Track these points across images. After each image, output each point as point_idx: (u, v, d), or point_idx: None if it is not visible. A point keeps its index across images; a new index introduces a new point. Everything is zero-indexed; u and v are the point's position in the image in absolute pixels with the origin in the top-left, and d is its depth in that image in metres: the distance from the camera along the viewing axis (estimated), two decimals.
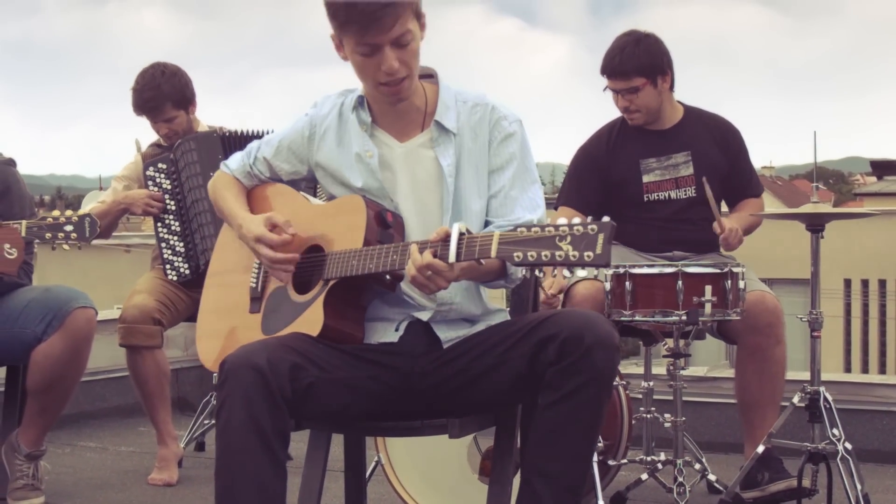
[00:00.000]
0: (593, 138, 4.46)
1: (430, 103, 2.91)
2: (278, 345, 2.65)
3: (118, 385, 5.83)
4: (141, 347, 4.45)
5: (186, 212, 4.59)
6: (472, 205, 2.88)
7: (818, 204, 3.78)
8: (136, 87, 4.69)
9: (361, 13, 2.69)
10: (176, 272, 4.59)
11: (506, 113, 2.93)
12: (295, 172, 3.06)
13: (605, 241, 2.35)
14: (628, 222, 4.28)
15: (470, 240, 2.52)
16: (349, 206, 2.85)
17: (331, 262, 2.80)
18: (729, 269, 3.74)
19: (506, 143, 2.91)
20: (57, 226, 3.68)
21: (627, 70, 4.20)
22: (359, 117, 2.92)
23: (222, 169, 3.17)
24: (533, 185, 2.94)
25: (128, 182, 4.83)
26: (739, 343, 4.08)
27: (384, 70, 2.74)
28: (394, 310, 2.86)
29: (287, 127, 3.06)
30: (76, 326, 3.83)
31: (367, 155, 2.88)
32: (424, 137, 2.90)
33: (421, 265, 2.56)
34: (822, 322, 3.88)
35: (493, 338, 2.78)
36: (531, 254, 2.40)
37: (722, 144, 4.36)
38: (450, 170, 2.86)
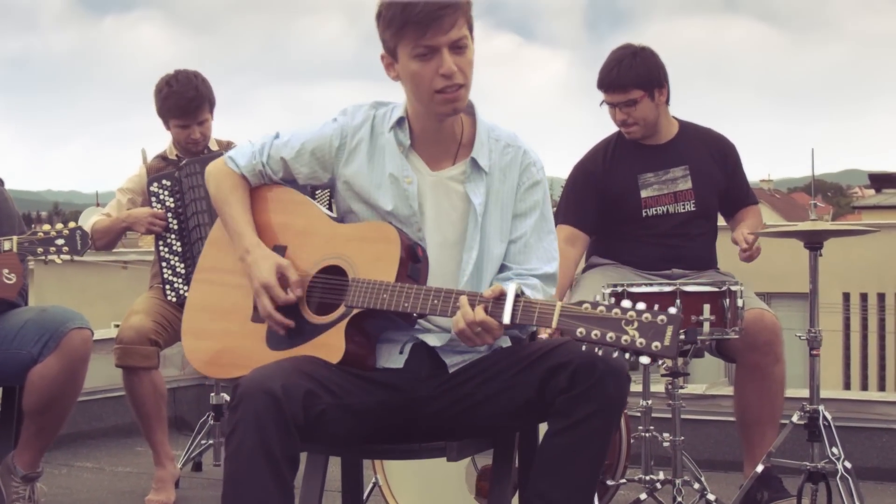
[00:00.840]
0: (590, 154, 4.45)
1: (465, 135, 2.89)
2: (294, 370, 2.62)
3: (115, 405, 5.81)
4: (138, 368, 4.43)
5: (189, 233, 4.57)
6: (494, 248, 2.87)
7: (816, 221, 3.77)
8: (175, 90, 4.61)
9: (420, 13, 2.68)
10: (175, 293, 4.57)
11: (535, 159, 2.93)
12: (314, 178, 2.97)
13: (673, 333, 2.38)
14: (626, 240, 4.29)
15: (528, 304, 2.53)
16: (380, 234, 2.80)
17: (355, 288, 2.75)
18: (727, 288, 3.73)
19: (533, 189, 2.91)
20: (48, 240, 3.66)
21: (625, 82, 4.19)
22: (397, 137, 2.87)
23: (228, 164, 3.03)
24: (549, 234, 2.94)
25: (132, 195, 4.79)
26: (738, 361, 4.07)
27: (442, 72, 2.71)
28: (399, 332, 2.83)
29: (311, 130, 2.95)
30: (72, 347, 3.80)
31: (406, 181, 2.84)
32: (457, 170, 2.88)
33: (474, 321, 2.55)
34: (820, 340, 3.87)
35: (501, 363, 2.76)
36: (595, 332, 2.43)
37: (719, 159, 4.36)
38: (480, 208, 2.84)
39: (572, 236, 4.26)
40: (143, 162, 4.85)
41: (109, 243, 4.74)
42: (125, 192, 4.80)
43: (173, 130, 4.73)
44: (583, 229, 4.29)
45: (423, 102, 2.80)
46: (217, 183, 3.03)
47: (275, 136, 3.01)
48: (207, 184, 3.09)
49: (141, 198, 4.74)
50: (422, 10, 2.68)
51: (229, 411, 2.56)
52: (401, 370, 2.80)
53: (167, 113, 4.67)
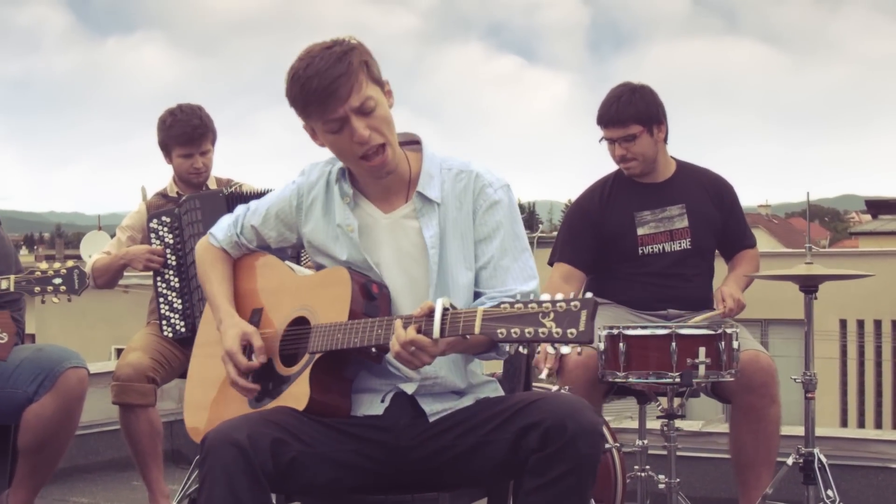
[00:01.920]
0: (586, 193, 4.46)
1: (413, 172, 2.88)
2: (260, 419, 2.64)
3: (111, 438, 5.80)
4: (134, 406, 4.42)
5: (187, 270, 4.58)
6: (459, 277, 2.85)
7: (811, 265, 3.78)
8: (181, 118, 4.66)
9: (316, 91, 2.69)
10: (172, 329, 4.57)
11: (490, 180, 2.88)
12: (283, 240, 3.05)
13: (587, 318, 2.34)
14: (623, 279, 4.30)
15: (454, 315, 2.51)
16: (334, 278, 2.85)
17: (315, 334, 2.79)
18: (723, 331, 3.73)
19: (491, 211, 2.87)
20: (46, 279, 3.68)
21: (624, 118, 4.21)
22: (341, 189, 2.90)
23: (209, 240, 3.16)
24: (523, 252, 2.90)
25: (131, 232, 4.81)
26: (734, 402, 4.07)
27: (356, 140, 2.72)
28: (380, 380, 2.84)
29: (275, 194, 3.05)
30: (68, 386, 3.82)
31: (348, 229, 2.87)
32: (409, 208, 2.88)
33: (405, 341, 2.55)
34: (815, 384, 3.88)
35: (479, 416, 2.75)
36: (515, 330, 2.40)
37: (715, 198, 4.38)
38: (432, 241, 2.83)
39: (568, 274, 4.27)
40: (142, 199, 4.87)
41: (109, 281, 4.75)
42: (125, 230, 4.82)
43: (176, 161, 4.75)
44: (579, 267, 4.30)
45: (352, 167, 2.86)
46: (201, 260, 3.16)
47: (247, 207, 3.12)
48: (196, 262, 3.21)
49: (140, 234, 4.75)
50: (317, 86, 2.69)
51: (198, 465, 2.58)
52: (380, 418, 2.80)
53: (172, 141, 4.70)
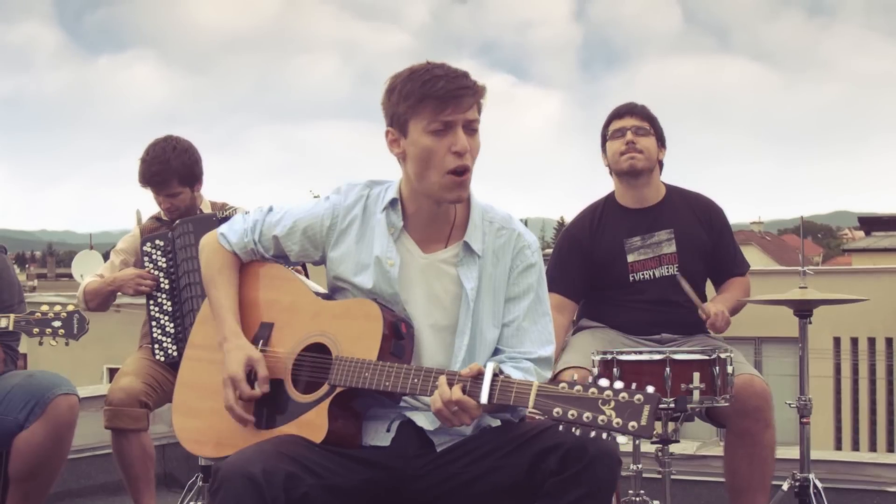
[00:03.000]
0: (576, 220, 4.46)
1: (458, 216, 2.87)
2: (274, 452, 2.61)
3: (104, 462, 5.76)
4: (127, 430, 4.40)
5: (179, 293, 4.56)
6: (487, 333, 2.85)
7: (806, 290, 3.78)
8: (145, 159, 4.63)
9: (442, 88, 2.69)
10: (164, 353, 4.56)
11: (529, 241, 2.92)
12: (305, 256, 2.98)
13: (650, 413, 2.37)
14: (615, 305, 4.29)
15: (505, 383, 2.52)
16: (362, 311, 2.80)
17: (338, 367, 2.75)
18: (717, 356, 3.72)
19: (526, 273, 2.89)
20: (45, 321, 3.68)
21: (641, 113, 4.30)
22: (389, 219, 2.86)
23: (220, 241, 3.06)
24: (544, 317, 2.92)
25: (125, 256, 4.80)
26: (728, 427, 4.05)
27: (456, 150, 2.71)
28: (385, 409, 2.82)
29: (304, 208, 2.97)
30: (58, 413, 3.79)
31: (389, 263, 2.83)
32: (449, 253, 2.86)
33: (449, 400, 2.55)
34: (811, 408, 3.87)
35: (490, 443, 2.73)
36: (572, 412, 2.42)
37: (705, 222, 4.37)
38: (472, 293, 2.82)
39: (560, 304, 4.26)
40: (137, 222, 4.86)
41: (100, 305, 4.74)
42: (119, 253, 4.81)
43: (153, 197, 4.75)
44: (570, 297, 4.30)
45: (428, 181, 2.78)
46: (207, 260, 3.06)
47: (267, 211, 3.02)
48: (200, 257, 3.12)
49: (134, 258, 4.74)
50: (444, 86, 2.69)
51: (210, 495, 2.56)
52: (387, 448, 2.78)
53: (141, 181, 4.69)
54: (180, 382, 3.08)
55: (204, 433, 2.92)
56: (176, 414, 3.02)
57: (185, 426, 2.98)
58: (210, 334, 3.02)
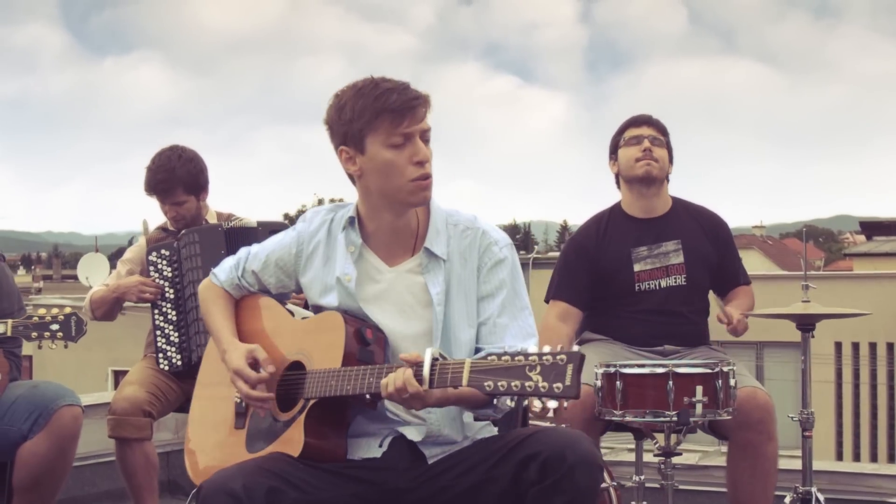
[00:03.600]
0: (582, 230, 4.48)
1: (421, 226, 2.90)
2: (255, 468, 2.65)
3: (107, 470, 5.76)
4: (130, 439, 4.41)
5: (184, 303, 4.57)
6: (461, 334, 2.86)
7: (809, 304, 3.79)
8: (151, 167, 4.65)
9: (397, 100, 2.73)
10: (168, 362, 4.57)
11: (496, 237, 2.92)
12: (283, 286, 3.09)
13: (573, 371, 2.35)
14: (619, 316, 4.30)
15: (443, 366, 2.53)
16: (328, 324, 2.85)
17: (310, 380, 2.80)
18: (720, 369, 3.73)
19: (496, 269, 2.89)
20: (43, 325, 3.69)
21: (659, 124, 4.35)
22: (348, 237, 2.91)
23: (212, 279, 3.18)
24: (523, 311, 2.91)
25: (131, 265, 4.81)
26: (731, 439, 4.06)
27: (417, 160, 2.75)
28: (377, 425, 2.84)
29: (276, 240, 3.07)
30: (62, 424, 3.81)
31: (346, 278, 2.88)
32: (414, 262, 2.89)
33: (397, 385, 2.56)
34: (813, 421, 3.87)
35: (477, 455, 2.76)
36: (502, 383, 2.41)
37: (711, 235, 4.39)
38: (439, 298, 2.84)
39: (565, 312, 4.27)
40: (143, 232, 4.88)
41: (106, 314, 4.76)
42: (125, 263, 4.83)
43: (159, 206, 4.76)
44: (575, 305, 4.30)
45: (391, 192, 2.81)
46: (204, 298, 3.18)
47: (249, 249, 3.14)
48: (199, 301, 3.22)
49: (140, 268, 4.76)
50: (398, 98, 2.74)
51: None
52: (377, 461, 2.80)
53: (148, 189, 4.70)
54: (191, 422, 3.18)
55: (208, 466, 2.99)
56: (188, 453, 3.11)
57: (194, 462, 3.08)
58: (212, 372, 3.13)
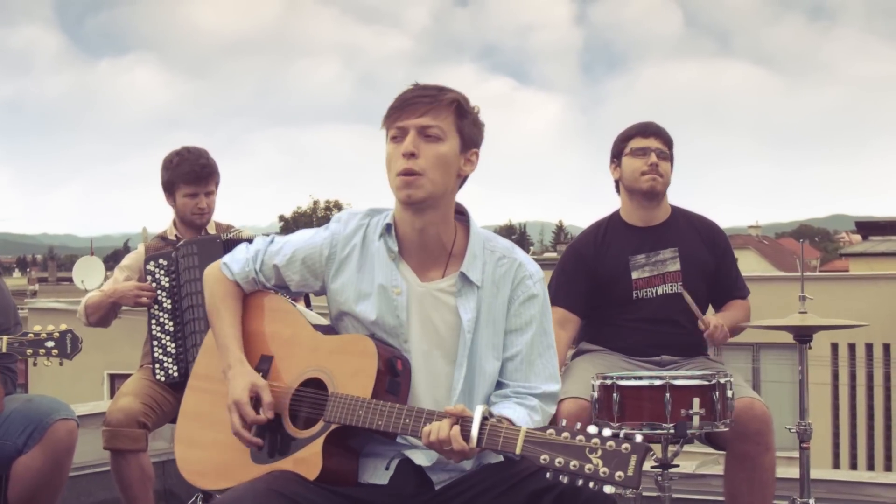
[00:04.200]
0: (581, 237, 4.48)
1: (457, 245, 2.84)
2: (266, 490, 2.60)
3: (103, 480, 5.74)
4: (125, 451, 4.39)
5: (181, 314, 4.55)
6: (486, 365, 2.81)
7: (806, 315, 3.78)
8: (188, 157, 4.68)
9: (402, 99, 2.75)
10: (164, 373, 4.55)
11: (531, 271, 2.87)
12: (305, 286, 2.97)
13: (637, 463, 2.33)
14: (616, 325, 4.29)
15: (494, 428, 2.49)
16: (358, 348, 2.78)
17: (333, 403, 2.73)
18: (717, 381, 3.72)
19: (528, 304, 2.84)
20: (38, 342, 3.68)
21: (666, 137, 4.32)
22: (386, 244, 2.84)
23: (223, 270, 3.04)
24: (549, 349, 2.87)
25: (129, 273, 4.79)
26: (728, 450, 4.05)
27: (402, 151, 2.72)
28: (384, 447, 2.80)
29: (304, 237, 2.97)
30: (57, 438, 3.79)
31: (395, 291, 2.81)
32: (447, 283, 2.83)
33: (443, 438, 2.52)
34: (811, 433, 3.86)
35: (486, 481, 2.72)
36: (559, 460, 2.38)
37: (709, 243, 4.38)
38: (469, 325, 2.79)
39: (563, 319, 4.26)
40: (142, 240, 4.87)
41: (101, 319, 4.73)
42: (123, 270, 4.81)
43: (180, 201, 4.73)
44: (574, 311, 4.29)
45: (392, 188, 2.80)
46: (211, 289, 3.05)
47: (270, 241, 3.02)
48: (203, 287, 3.11)
49: (137, 275, 4.74)
50: (405, 94, 2.76)
51: None
52: (385, 487, 2.76)
53: (178, 179, 4.69)
54: (183, 412, 3.08)
55: (205, 464, 2.92)
56: (178, 444, 3.02)
57: (187, 457, 2.98)
58: (213, 365, 3.02)
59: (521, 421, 2.67)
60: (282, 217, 76.40)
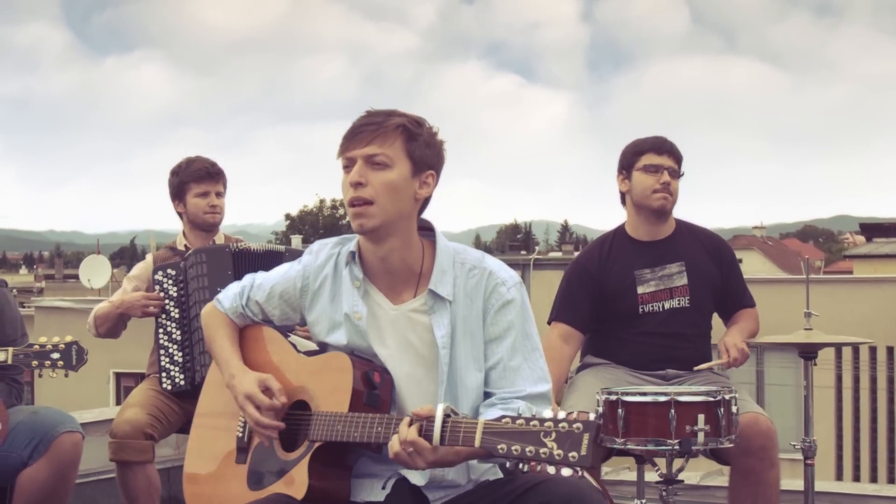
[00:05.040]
0: (586, 251, 4.46)
1: (426, 264, 2.84)
2: None
3: (109, 487, 5.74)
4: (132, 463, 4.40)
5: (189, 322, 4.56)
6: (468, 378, 2.80)
7: (811, 332, 3.77)
8: (196, 160, 4.78)
9: (351, 128, 2.77)
10: (171, 381, 4.55)
11: (504, 277, 2.84)
12: (287, 318, 3.04)
13: (589, 441, 2.32)
14: (622, 339, 4.28)
15: (455, 424, 2.49)
16: (335, 365, 2.81)
17: (316, 422, 2.77)
18: (722, 398, 3.72)
19: (504, 310, 2.82)
20: (43, 353, 3.69)
21: (678, 155, 4.30)
22: (351, 272, 2.86)
23: (216, 305, 3.14)
24: (534, 352, 2.84)
25: (137, 283, 4.80)
26: (732, 465, 4.05)
27: (348, 182, 2.74)
28: (380, 466, 2.81)
29: (280, 272, 3.03)
30: (62, 451, 3.80)
31: (356, 317, 2.83)
32: (418, 302, 2.83)
33: (405, 440, 2.53)
34: (815, 450, 3.86)
35: (483, 500, 2.73)
36: (515, 447, 2.38)
37: (714, 256, 4.38)
38: (444, 341, 2.78)
39: (567, 334, 4.26)
40: (152, 250, 4.90)
41: (110, 330, 4.75)
42: (131, 280, 4.83)
43: (192, 202, 4.76)
44: (577, 327, 4.28)
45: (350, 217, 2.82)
46: (207, 323, 3.14)
47: (254, 277, 3.10)
48: (202, 325, 3.19)
49: (146, 285, 4.75)
50: (355, 123, 2.78)
51: None
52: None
53: (189, 178, 4.74)
54: (189, 451, 3.15)
55: (208, 499, 2.98)
56: (186, 482, 3.09)
57: (193, 493, 3.06)
58: (215, 399, 3.09)
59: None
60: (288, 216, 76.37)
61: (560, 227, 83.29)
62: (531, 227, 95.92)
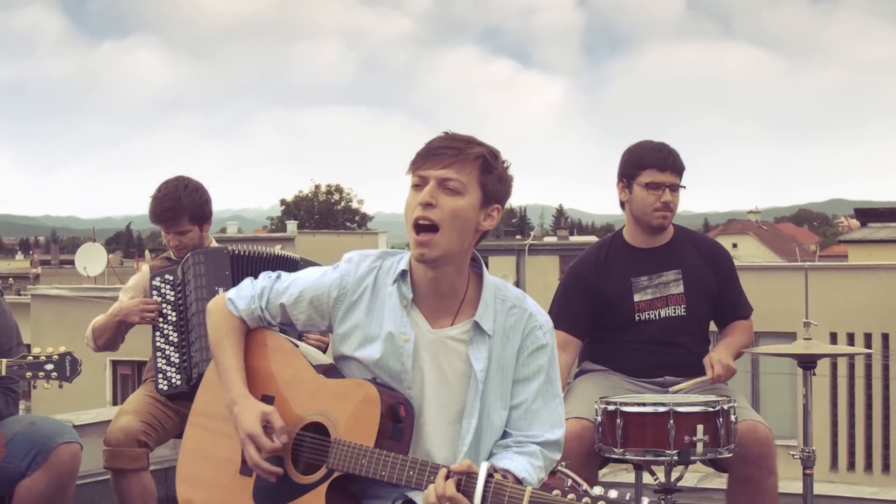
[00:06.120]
0: (583, 258, 4.42)
1: (469, 293, 2.84)
2: None
3: (107, 488, 5.72)
4: (126, 470, 4.40)
5: (187, 322, 4.55)
6: (494, 415, 2.81)
7: (810, 342, 3.77)
8: (157, 196, 4.69)
9: (428, 147, 2.75)
10: (168, 382, 4.54)
11: (542, 321, 2.86)
12: (311, 325, 2.97)
13: None
14: (619, 346, 4.27)
15: (499, 486, 2.49)
16: (361, 395, 2.77)
17: (336, 450, 2.74)
18: (721, 408, 3.71)
19: (537, 354, 2.85)
20: (37, 364, 3.68)
21: (680, 169, 4.22)
22: (400, 290, 2.83)
23: (228, 306, 3.03)
24: (555, 398, 2.87)
25: (133, 293, 4.79)
26: (730, 472, 4.05)
27: (418, 201, 2.71)
28: (387, 489, 2.79)
29: (312, 277, 2.96)
30: (60, 462, 3.79)
31: (402, 338, 2.80)
32: (457, 330, 2.82)
33: (443, 495, 2.52)
34: (814, 460, 3.85)
35: None
36: None
37: (712, 264, 4.34)
38: (482, 374, 2.78)
39: (564, 342, 4.22)
40: (147, 261, 4.89)
41: (108, 341, 4.75)
42: (127, 291, 4.82)
43: (164, 236, 4.78)
44: (574, 334, 4.26)
45: (409, 239, 2.79)
46: (215, 324, 3.05)
47: (276, 278, 3.01)
48: (207, 320, 3.11)
49: (142, 295, 4.74)
50: (433, 143, 2.76)
51: None
52: None
53: (154, 219, 4.73)
54: (184, 449, 3.09)
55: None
56: (180, 483, 3.04)
57: (190, 497, 3.00)
58: (214, 401, 3.03)
59: (523, 471, 2.69)
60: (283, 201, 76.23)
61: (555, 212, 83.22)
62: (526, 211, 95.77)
